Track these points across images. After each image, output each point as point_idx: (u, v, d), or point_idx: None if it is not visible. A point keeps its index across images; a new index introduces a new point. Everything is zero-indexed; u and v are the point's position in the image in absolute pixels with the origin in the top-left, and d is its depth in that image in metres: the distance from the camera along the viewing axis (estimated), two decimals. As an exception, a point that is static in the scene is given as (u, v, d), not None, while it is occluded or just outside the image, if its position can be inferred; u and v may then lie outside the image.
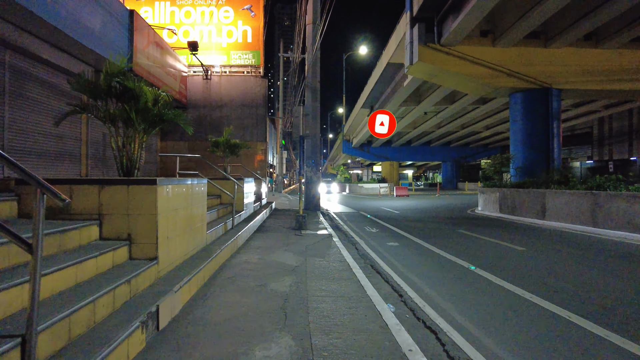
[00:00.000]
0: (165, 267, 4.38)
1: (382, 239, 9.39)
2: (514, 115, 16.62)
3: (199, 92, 17.20)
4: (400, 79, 21.86)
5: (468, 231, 10.56)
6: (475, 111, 28.61)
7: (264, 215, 12.43)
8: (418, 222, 12.99)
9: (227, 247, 6.41)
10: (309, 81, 16.35)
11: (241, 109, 17.18)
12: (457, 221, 13.17)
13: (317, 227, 10.81)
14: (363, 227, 11.58)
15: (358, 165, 51.29)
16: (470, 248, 8.07)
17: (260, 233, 9.44)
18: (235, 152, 11.06)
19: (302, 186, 17.78)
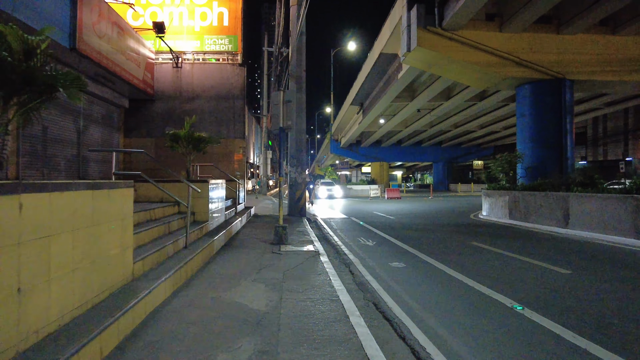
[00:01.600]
0: (24, 340, 2.39)
1: (382, 256, 7.49)
2: (522, 109, 14.94)
3: (168, 82, 15.11)
4: (393, 71, 20.07)
5: (483, 243, 8.74)
6: (472, 108, 27.02)
7: (238, 225, 10.44)
8: (419, 230, 11.14)
9: (168, 281, 4.43)
10: (293, 69, 14.42)
11: (216, 101, 15.15)
12: (463, 229, 11.36)
13: (301, 239, 8.87)
14: (356, 238, 9.68)
15: (346, 166, 49.57)
16: (497, 270, 6.22)
17: (228, 250, 7.45)
18: (200, 148, 9.08)
19: (284, 189, 16.17)
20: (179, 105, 15.12)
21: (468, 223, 12.99)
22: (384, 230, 11.10)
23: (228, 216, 10.58)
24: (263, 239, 8.87)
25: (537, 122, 14.33)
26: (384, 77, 22.30)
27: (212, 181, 8.51)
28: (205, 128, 14.98)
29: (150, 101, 14.99)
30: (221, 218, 9.52)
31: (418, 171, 78.80)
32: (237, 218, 10.68)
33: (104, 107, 12.97)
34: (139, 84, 13.24)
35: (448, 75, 15.83)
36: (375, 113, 28.02)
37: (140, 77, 13.40)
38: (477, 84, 15.76)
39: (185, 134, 8.73)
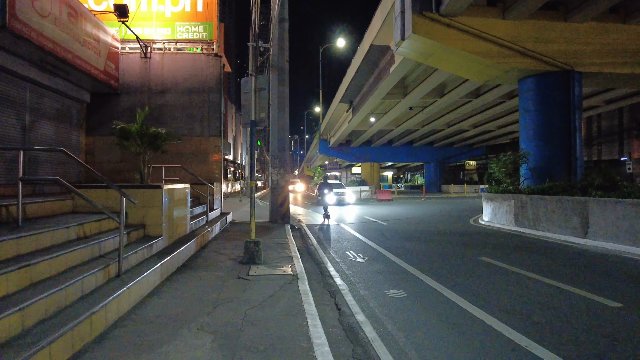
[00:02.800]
0: None
1: (376, 279, 6.05)
2: (526, 104, 13.66)
3: (136, 74, 13.51)
4: (385, 65, 18.69)
5: (494, 258, 7.36)
6: (466, 106, 25.80)
7: (207, 237, 8.93)
8: (416, 240, 9.75)
9: (57, 344, 2.93)
10: (274, 59, 12.94)
11: (189, 95, 13.59)
12: (466, 239, 10.00)
13: (279, 255, 7.40)
14: (345, 252, 8.24)
15: (336, 166, 48.18)
16: (525, 302, 4.82)
17: (184, 274, 5.95)
18: (158, 147, 7.57)
19: (264, 194, 14.38)
20: (148, 99, 13.52)
21: (470, 231, 11.64)
22: (377, 241, 9.68)
23: (195, 226, 9.06)
24: (232, 255, 7.38)
25: (543, 118, 13.05)
26: (374, 72, 20.92)
27: (170, 186, 6.98)
28: (176, 125, 13.44)
29: (115, 95, 13.39)
30: (184, 230, 8.00)
31: (408, 172, 77.74)
32: (206, 228, 9.16)
33: (58, 100, 11.34)
34: (99, 75, 11.63)
35: (445, 67, 14.49)
36: (366, 111, 26.63)
37: (101, 68, 11.79)
38: (477, 77, 14.44)
39: (137, 130, 7.20)
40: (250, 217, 6.86)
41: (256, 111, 6.80)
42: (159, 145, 7.72)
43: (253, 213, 6.85)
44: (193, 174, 10.51)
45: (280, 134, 12.79)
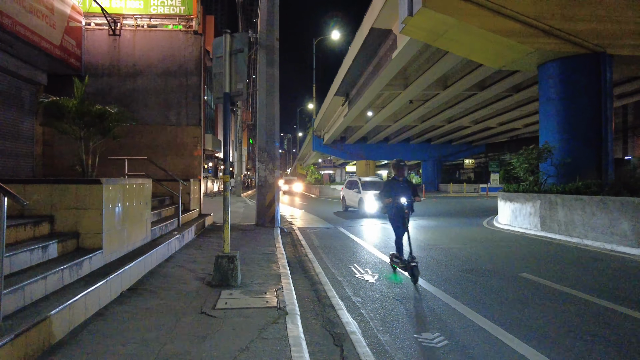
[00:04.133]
0: None
1: (397, 311, 4.36)
2: (548, 92, 12.06)
3: (103, 54, 11.68)
4: (386, 51, 17.02)
5: (539, 276, 5.71)
6: (470, 100, 24.25)
7: (173, 246, 7.17)
8: (431, 249, 8.09)
9: None
10: (262, 37, 11.19)
11: (164, 78, 11.78)
12: (492, 248, 8.36)
13: (263, 272, 5.67)
14: (348, 267, 6.53)
15: (330, 164, 46.53)
16: (616, 344, 3.16)
17: (125, 304, 4.19)
18: (107, 131, 5.82)
19: (256, 193, 12.58)
20: (117, 83, 11.71)
21: (490, 237, 10.02)
22: (385, 250, 7.99)
23: (160, 232, 7.28)
24: (202, 271, 5.63)
25: (568, 107, 11.46)
26: (373, 60, 19.23)
27: (119, 182, 5.20)
28: (150, 112, 11.67)
29: (78, 77, 11.46)
30: (141, 237, 6.23)
31: (403, 170, 76.23)
32: (174, 235, 7.38)
33: (3, 81, 9.51)
34: (53, 51, 9.80)
35: (457, 50, 12.82)
36: (363, 104, 24.95)
37: (56, 42, 9.95)
38: (493, 60, 12.78)
39: (75, 106, 5.42)
40: (224, 223, 5.12)
41: (232, 81, 5.06)
42: (108, 129, 5.96)
43: (227, 217, 5.11)
44: (162, 167, 8.72)
45: (268, 124, 11.05)
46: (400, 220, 5.91)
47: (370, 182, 16.43)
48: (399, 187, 5.97)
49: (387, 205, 5.98)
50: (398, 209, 5.88)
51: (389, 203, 5.91)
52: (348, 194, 17.01)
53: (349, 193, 16.87)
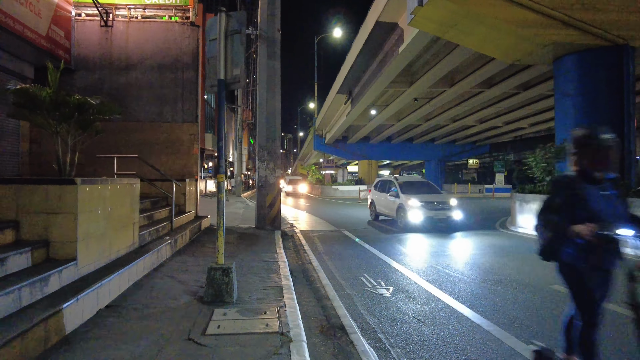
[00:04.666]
0: None
1: (423, 336, 3.69)
2: (564, 87, 11.40)
3: (94, 46, 11.01)
4: (391, 46, 16.34)
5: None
6: (476, 98, 23.52)
7: (164, 253, 6.51)
8: (446, 256, 7.42)
9: None
10: (263, 27, 10.53)
11: (159, 72, 11.12)
12: (511, 254, 7.68)
13: (263, 284, 5.01)
14: (358, 277, 5.86)
15: (331, 164, 45.81)
16: None
17: (98, 328, 3.53)
18: (87, 124, 5.19)
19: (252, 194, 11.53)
20: (109, 77, 11.03)
21: (506, 242, 9.34)
22: (396, 257, 7.32)
23: (150, 237, 6.62)
24: (194, 283, 4.97)
25: (588, 103, 10.79)
26: (378, 56, 18.54)
27: (94, 182, 4.54)
28: (143, 108, 11.02)
29: (68, 71, 10.86)
30: (127, 244, 5.56)
31: (405, 170, 75.64)
32: (165, 240, 6.72)
33: (-16, 73, 8.88)
34: (39, 42, 9.14)
35: (468, 43, 12.13)
36: (366, 102, 24.26)
37: (42, 33, 9.30)
38: (506, 54, 12.09)
39: (50, 96, 4.76)
40: (217, 229, 4.44)
41: (227, 66, 4.40)
42: (88, 122, 5.30)
43: (222, 223, 4.43)
44: (154, 166, 8.06)
45: (269, 120, 10.39)
46: (604, 284, 2.58)
47: (411, 182, 12.82)
48: (600, 199, 2.51)
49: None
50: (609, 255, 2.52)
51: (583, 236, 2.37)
52: (380, 198, 13.26)
53: (381, 197, 13.19)
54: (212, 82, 4.57)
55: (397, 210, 11.58)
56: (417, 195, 11.33)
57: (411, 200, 11.03)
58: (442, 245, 8.68)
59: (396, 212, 11.65)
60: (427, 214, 10.82)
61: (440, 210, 11.07)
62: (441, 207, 11.13)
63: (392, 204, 12.04)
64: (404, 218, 11.14)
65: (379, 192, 13.51)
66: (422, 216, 10.76)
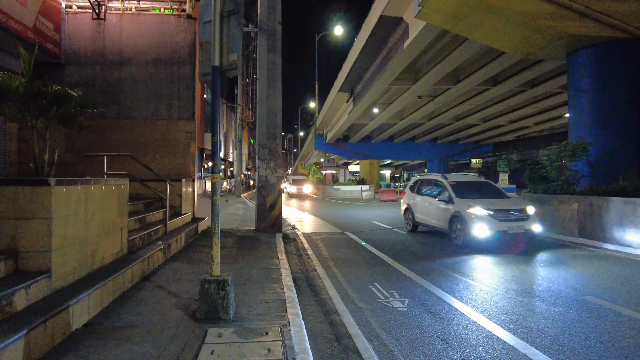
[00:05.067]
0: None
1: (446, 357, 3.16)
2: (580, 82, 10.87)
3: (86, 40, 10.50)
4: (396, 41, 15.81)
5: (614, 302, 4.51)
6: (481, 96, 22.99)
7: (158, 258, 5.98)
8: (460, 262, 6.89)
9: None
10: (263, 20, 10.01)
11: (154, 67, 10.60)
12: (529, 260, 7.15)
13: (263, 294, 4.49)
14: (367, 287, 5.33)
15: (332, 164, 45.29)
16: None
17: (77, 351, 3.01)
18: (68, 119, 4.68)
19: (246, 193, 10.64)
20: (102, 72, 10.52)
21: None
22: (406, 262, 6.79)
23: (141, 242, 6.09)
24: (186, 296, 4.45)
25: (605, 98, 10.27)
26: (382, 52, 18.01)
27: (72, 183, 4.02)
28: (138, 105, 10.50)
29: (58, 66, 10.39)
30: (114, 251, 5.04)
31: (406, 170, 75.08)
32: (158, 246, 6.19)
33: (-35, 67, 8.35)
34: (25, 33, 8.61)
35: (479, 36, 11.59)
36: (369, 100, 23.72)
37: (28, 24, 8.77)
38: (518, 48, 11.56)
39: (23, 86, 4.24)
40: (212, 236, 3.91)
41: (223, 51, 3.88)
42: (69, 116, 4.78)
43: (217, 229, 3.90)
44: (147, 165, 7.55)
45: (270, 117, 9.87)
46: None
47: (467, 183, 9.65)
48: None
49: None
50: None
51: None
52: (422, 203, 10.31)
53: (423, 202, 10.24)
54: (205, 69, 4.05)
55: (451, 220, 8.62)
56: (479, 200, 8.48)
57: (474, 207, 8.11)
58: (445, 246, 8.14)
59: (449, 224, 8.69)
60: (498, 226, 7.82)
61: (516, 221, 8.08)
62: (516, 217, 8.16)
63: (441, 212, 9.11)
64: (462, 232, 8.17)
65: (419, 195, 10.54)
66: (492, 230, 7.79)
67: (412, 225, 10.73)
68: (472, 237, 7.90)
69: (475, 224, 7.87)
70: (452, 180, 9.57)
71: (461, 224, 8.24)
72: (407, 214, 11.08)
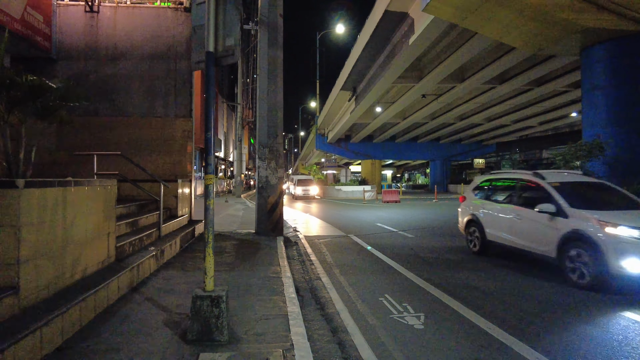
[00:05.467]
0: None
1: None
2: (595, 79, 10.41)
3: (79, 34, 10.03)
4: (401, 38, 15.34)
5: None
6: (486, 95, 22.49)
7: (149, 266, 5.51)
8: (474, 269, 6.40)
9: None
10: (264, 11, 9.54)
11: (150, 62, 10.13)
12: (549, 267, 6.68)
13: (264, 309, 4.03)
14: (378, 300, 4.84)
15: (333, 164, 44.76)
16: None
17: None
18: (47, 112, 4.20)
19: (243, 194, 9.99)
20: (95, 68, 10.04)
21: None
22: (417, 270, 6.32)
23: (131, 248, 5.61)
24: (177, 311, 3.98)
25: (623, 95, 9.80)
26: (386, 49, 17.53)
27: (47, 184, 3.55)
28: (132, 102, 10.04)
29: (49, 61, 9.92)
30: (99, 260, 4.57)
31: (408, 170, 74.57)
32: (149, 252, 5.72)
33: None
34: (12, 25, 8.15)
35: (489, 31, 11.08)
36: (372, 99, 23.24)
37: (15, 15, 8.32)
38: (529, 43, 11.06)
39: (-6, 75, 3.77)
40: (205, 246, 3.44)
41: (218, 35, 3.41)
42: (48, 110, 4.31)
43: (210, 237, 3.42)
44: (138, 164, 7.09)
45: (270, 115, 9.40)
46: None
47: (580, 185, 6.85)
48: None
49: None
50: None
51: None
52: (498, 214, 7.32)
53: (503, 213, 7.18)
54: (199, 56, 3.58)
55: (564, 244, 5.65)
56: (613, 213, 5.62)
57: (616, 226, 5.23)
58: (456, 251, 7.66)
59: (558, 249, 5.74)
60: None
61: None
62: None
63: (541, 230, 6.16)
64: (593, 265, 5.18)
65: (492, 202, 7.61)
66: None
67: (481, 245, 7.54)
68: (615, 273, 4.98)
69: (623, 254, 4.97)
70: (554, 181, 6.52)
71: (589, 251, 5.24)
72: (472, 229, 7.88)
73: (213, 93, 3.53)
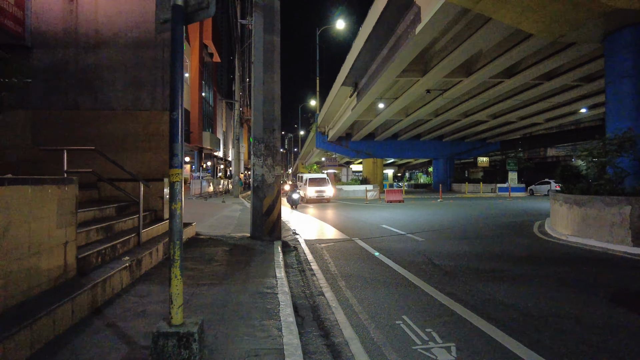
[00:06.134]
0: None
1: None
2: (619, 69, 9.56)
3: (57, 20, 9.15)
4: (406, 28, 14.45)
5: None
6: (493, 90, 21.61)
7: (120, 279, 4.64)
8: (498, 279, 5.53)
9: None
10: (260, -7, 8.65)
11: (135, 50, 9.24)
12: (577, 274, 5.81)
13: (251, 341, 3.15)
14: (394, 321, 3.98)
15: (334, 163, 43.91)
16: None
17: None
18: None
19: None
20: (75, 56, 9.15)
21: (556, 255, 7.48)
22: (434, 282, 5.44)
23: (97, 260, 4.73)
24: (145, 340, 3.11)
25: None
26: (389, 41, 16.64)
27: None
28: (116, 93, 9.16)
29: (23, 49, 9.03)
30: (52, 277, 3.70)
31: (409, 169, 73.71)
32: (122, 263, 4.84)
33: None
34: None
35: (504, 15, 10.19)
36: (374, 94, 22.35)
37: (-18, -4, 7.45)
38: (549, 28, 10.18)
39: None
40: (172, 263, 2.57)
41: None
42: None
43: (177, 253, 2.58)
44: (114, 161, 6.19)
45: (267, 106, 8.52)
46: None
47: None
48: None
49: None
50: None
51: None
52: None
53: None
54: (164, 14, 2.71)
55: None
56: None
57: None
58: (473, 258, 6.80)
59: None
60: None
61: None
62: None
63: None
64: None
65: None
66: None
67: None
68: None
69: None
70: None
71: None
72: None
73: (181, 62, 2.66)
